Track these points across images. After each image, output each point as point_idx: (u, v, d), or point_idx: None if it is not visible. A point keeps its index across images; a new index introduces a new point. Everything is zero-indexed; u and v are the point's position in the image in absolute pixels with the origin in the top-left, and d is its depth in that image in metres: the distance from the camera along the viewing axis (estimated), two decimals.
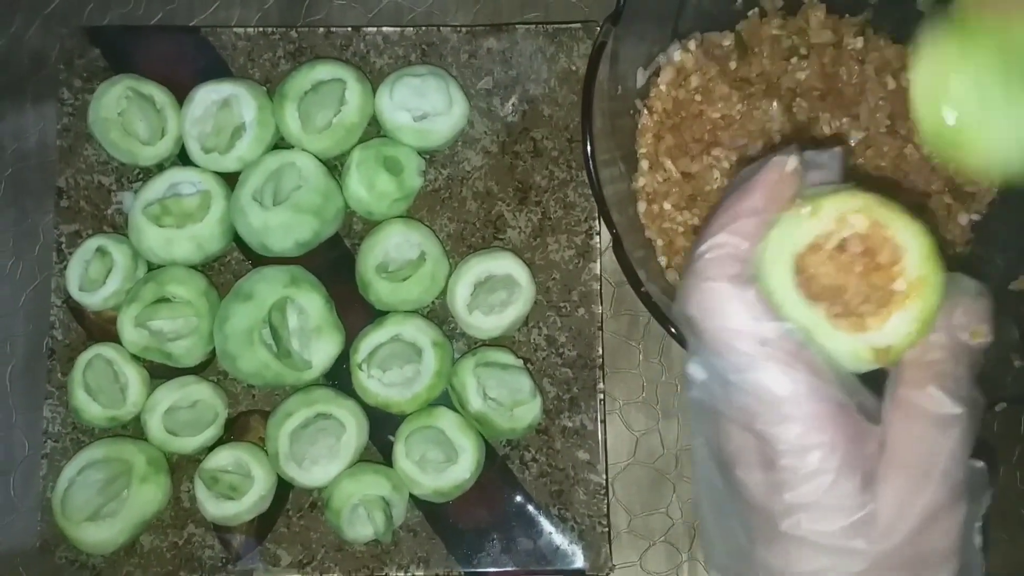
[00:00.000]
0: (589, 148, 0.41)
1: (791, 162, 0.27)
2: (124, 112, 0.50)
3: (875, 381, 0.28)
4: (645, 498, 0.51)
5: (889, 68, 0.48)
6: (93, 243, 0.50)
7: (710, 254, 0.27)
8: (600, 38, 0.41)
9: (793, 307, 0.26)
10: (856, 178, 0.28)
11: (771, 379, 0.25)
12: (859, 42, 0.49)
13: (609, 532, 0.49)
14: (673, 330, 0.39)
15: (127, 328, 0.48)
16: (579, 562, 0.49)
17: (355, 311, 0.51)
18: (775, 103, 0.47)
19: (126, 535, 0.48)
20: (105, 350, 0.49)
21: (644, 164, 0.48)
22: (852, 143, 0.46)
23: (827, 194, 0.26)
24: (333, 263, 0.52)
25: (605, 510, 0.49)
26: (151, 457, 0.49)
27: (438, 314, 0.52)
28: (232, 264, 0.52)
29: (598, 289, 0.51)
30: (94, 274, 0.49)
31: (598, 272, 0.51)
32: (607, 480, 0.50)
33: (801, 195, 0.27)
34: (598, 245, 0.51)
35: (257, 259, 0.51)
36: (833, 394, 0.25)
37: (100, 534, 0.47)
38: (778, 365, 0.25)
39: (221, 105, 0.49)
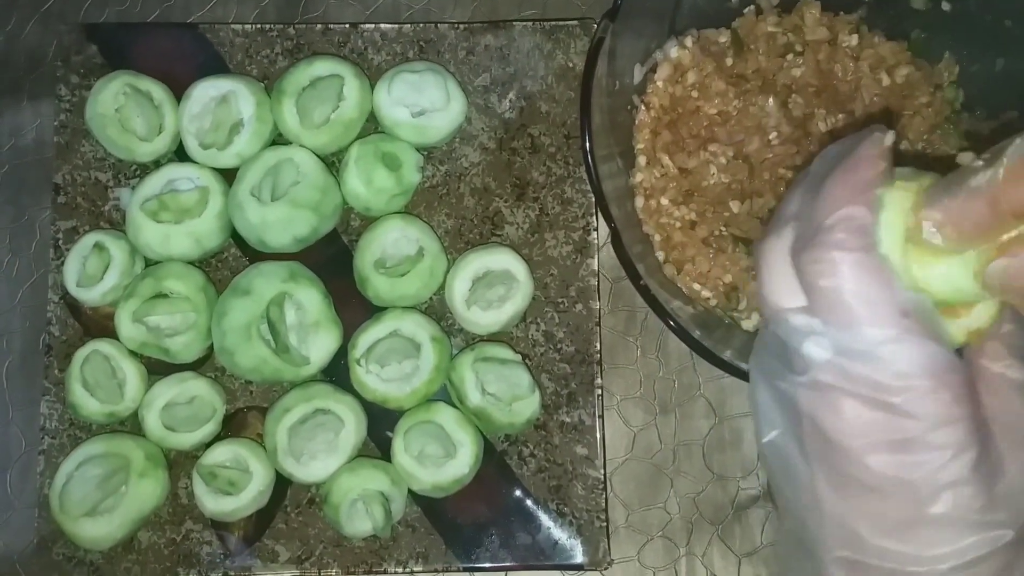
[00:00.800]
0: (588, 144, 0.41)
1: (889, 137, 0.27)
2: (122, 108, 0.50)
3: None
4: (643, 493, 0.52)
5: (883, 65, 0.49)
6: (90, 239, 0.50)
7: (844, 225, 0.25)
8: (598, 34, 0.41)
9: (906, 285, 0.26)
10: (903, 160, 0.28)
11: (916, 351, 0.25)
12: (854, 39, 0.49)
13: (607, 527, 0.49)
14: (672, 323, 0.40)
15: (125, 324, 0.48)
16: (578, 557, 0.49)
17: (353, 307, 0.51)
18: (771, 99, 0.47)
19: (124, 530, 0.48)
20: (103, 346, 0.49)
21: (641, 160, 0.48)
22: None
23: (916, 176, 0.26)
24: (330, 259, 0.52)
25: (603, 505, 0.49)
26: (149, 453, 0.49)
27: (436, 310, 0.52)
28: (229, 260, 0.52)
29: (596, 285, 0.51)
30: (92, 270, 0.49)
31: (596, 268, 0.51)
32: (605, 475, 0.50)
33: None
34: (595, 241, 0.51)
35: (254, 255, 0.51)
36: (962, 366, 0.25)
37: (98, 529, 0.47)
38: (920, 338, 0.25)
39: (219, 101, 0.49)
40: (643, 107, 0.48)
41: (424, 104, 0.49)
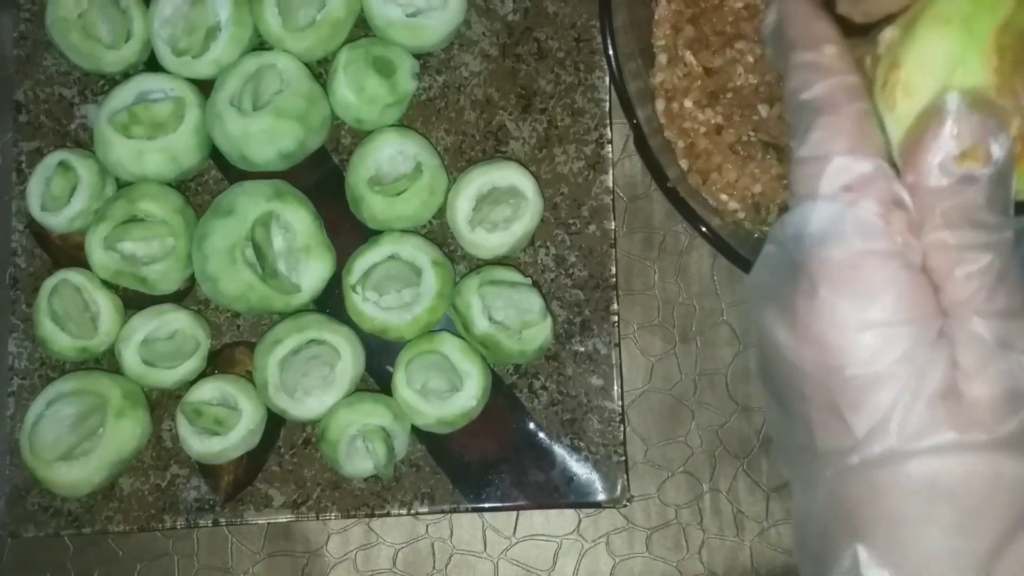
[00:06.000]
0: (611, 43, 0.37)
1: None
2: (85, 14, 0.45)
3: None
4: (662, 426, 0.48)
5: None
6: (55, 158, 0.45)
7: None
8: None
9: None
10: None
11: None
12: None
13: (626, 462, 0.46)
14: (705, 229, 0.36)
15: (96, 250, 0.44)
16: (596, 494, 0.46)
17: (346, 232, 0.47)
18: None
19: (102, 475, 0.44)
20: (72, 275, 0.45)
21: (662, 58, 0.43)
22: None
23: None
24: (320, 181, 0.47)
25: (621, 439, 0.46)
26: (127, 391, 0.45)
27: (437, 235, 0.47)
28: (210, 183, 0.48)
29: (610, 204, 0.47)
30: (57, 191, 0.44)
31: (610, 185, 0.47)
32: (622, 407, 0.46)
33: None
34: (610, 155, 0.47)
35: (237, 176, 0.47)
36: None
37: (73, 474, 0.43)
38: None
39: (192, 2, 0.45)
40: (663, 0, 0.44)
41: (419, 3, 0.45)
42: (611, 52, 0.37)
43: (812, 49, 0.24)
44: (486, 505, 0.46)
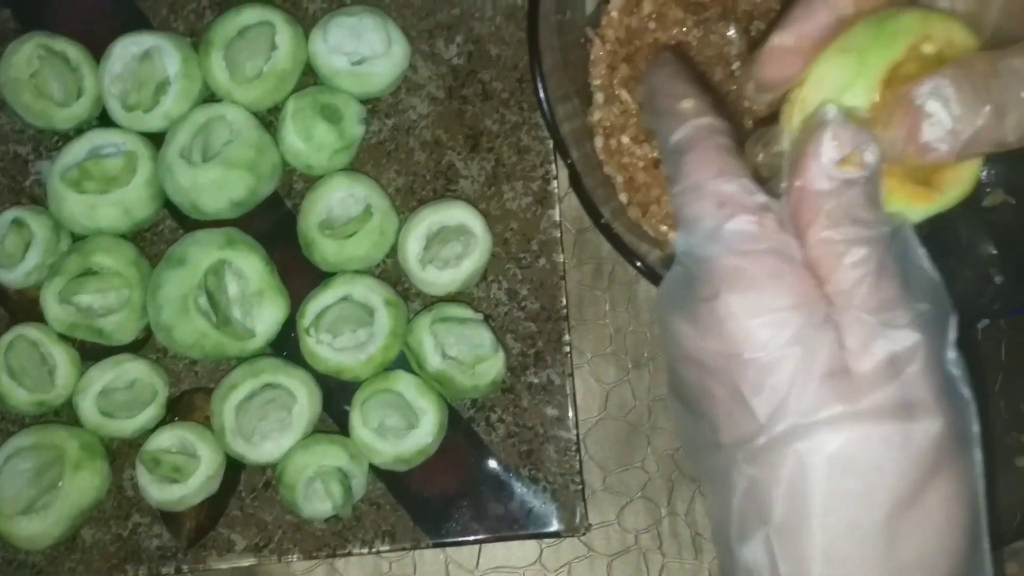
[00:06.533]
0: (541, 85, 0.38)
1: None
2: (37, 73, 0.46)
3: None
4: (619, 453, 0.49)
5: None
6: (8, 216, 0.46)
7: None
8: None
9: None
10: None
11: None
12: None
13: (583, 490, 0.47)
14: (640, 264, 0.37)
15: (51, 304, 0.45)
16: (553, 524, 0.46)
17: (300, 275, 0.47)
18: (732, 27, 0.45)
19: (62, 527, 0.44)
20: (28, 330, 0.45)
21: (599, 97, 0.45)
22: None
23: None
24: (275, 226, 0.48)
25: (578, 467, 0.47)
26: (84, 442, 0.45)
27: (390, 275, 0.48)
28: (165, 233, 0.49)
29: (559, 237, 0.48)
30: (11, 248, 0.45)
31: (557, 219, 0.48)
32: (578, 436, 0.47)
33: None
34: (556, 190, 0.48)
35: (192, 225, 0.48)
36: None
37: (33, 527, 0.43)
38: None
39: (141, 58, 0.46)
40: (598, 40, 0.45)
41: (364, 51, 0.46)
42: (542, 95, 0.38)
43: (673, 103, 0.27)
44: (447, 540, 0.46)
